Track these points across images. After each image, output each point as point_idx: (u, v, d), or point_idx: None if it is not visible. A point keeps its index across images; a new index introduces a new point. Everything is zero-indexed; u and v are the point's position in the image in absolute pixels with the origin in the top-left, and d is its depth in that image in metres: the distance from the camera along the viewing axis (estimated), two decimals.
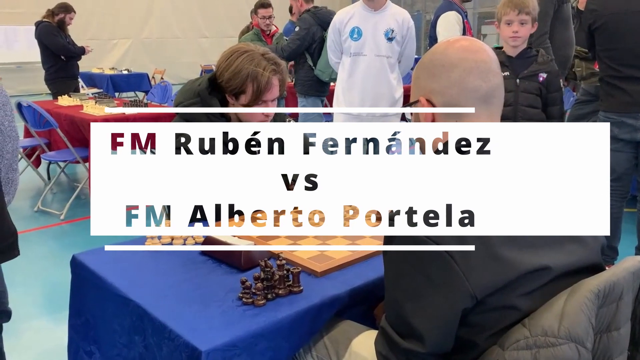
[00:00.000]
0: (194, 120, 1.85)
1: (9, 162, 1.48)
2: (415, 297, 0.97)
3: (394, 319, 1.01)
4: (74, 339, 1.49)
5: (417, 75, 1.15)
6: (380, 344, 1.04)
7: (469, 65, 1.07)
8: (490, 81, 1.08)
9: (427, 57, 1.13)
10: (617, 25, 2.61)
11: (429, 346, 0.96)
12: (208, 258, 1.47)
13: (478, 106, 1.08)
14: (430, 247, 0.94)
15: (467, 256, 0.93)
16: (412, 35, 3.46)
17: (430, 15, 15.02)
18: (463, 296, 0.93)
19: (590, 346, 0.91)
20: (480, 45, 1.10)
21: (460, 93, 1.07)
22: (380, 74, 3.32)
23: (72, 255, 1.52)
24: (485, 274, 0.93)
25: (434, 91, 1.10)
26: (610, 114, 2.71)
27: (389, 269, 1.04)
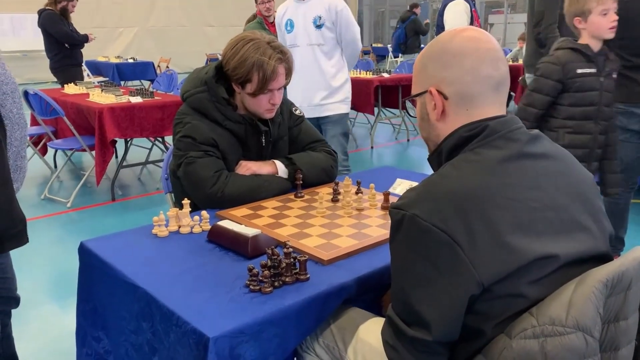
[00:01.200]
0: (202, 109, 1.85)
1: (17, 149, 1.48)
2: (422, 284, 0.97)
3: (401, 308, 1.01)
4: (82, 325, 1.51)
5: (423, 65, 1.13)
6: (387, 333, 1.04)
7: (481, 54, 1.06)
8: (500, 69, 1.08)
9: (434, 47, 1.12)
10: (627, 14, 2.58)
11: (436, 334, 0.96)
12: (215, 246, 1.47)
13: (491, 94, 1.08)
14: (436, 234, 0.94)
15: (474, 243, 0.93)
16: (346, 20, 3.29)
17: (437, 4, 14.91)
18: (470, 283, 0.93)
19: (597, 335, 0.91)
20: (487, 35, 1.11)
21: (474, 80, 1.06)
22: (313, 63, 3.30)
23: (79, 242, 1.53)
24: (492, 262, 0.93)
25: (445, 80, 1.08)
26: (619, 104, 2.68)
27: (395, 257, 1.03)
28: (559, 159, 1.08)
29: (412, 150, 6.18)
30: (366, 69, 6.85)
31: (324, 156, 2.01)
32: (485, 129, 1.05)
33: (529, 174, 1.02)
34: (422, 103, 1.14)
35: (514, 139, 1.05)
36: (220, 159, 1.82)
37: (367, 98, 5.95)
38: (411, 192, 1.03)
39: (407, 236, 0.99)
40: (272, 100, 1.85)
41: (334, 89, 3.33)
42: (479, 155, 1.03)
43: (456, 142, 1.08)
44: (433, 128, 1.13)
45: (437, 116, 1.11)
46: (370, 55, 12.47)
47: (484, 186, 0.98)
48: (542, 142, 1.09)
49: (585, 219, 1.04)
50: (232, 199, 1.75)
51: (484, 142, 1.04)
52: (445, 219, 0.95)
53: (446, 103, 1.09)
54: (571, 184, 1.06)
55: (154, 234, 1.56)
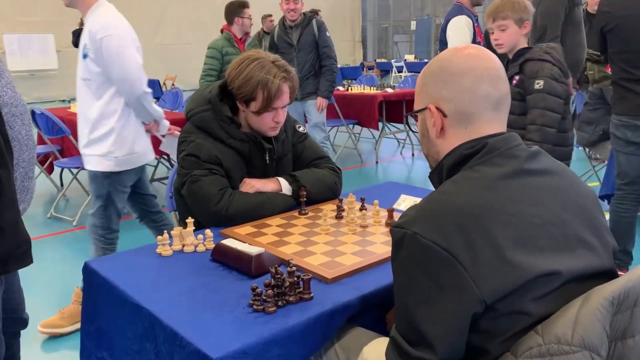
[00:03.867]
0: (206, 127, 1.86)
1: (25, 170, 1.50)
2: (425, 303, 0.96)
3: (404, 327, 1.01)
4: (87, 345, 1.50)
5: (424, 82, 1.14)
6: (391, 354, 1.04)
7: (479, 73, 1.07)
8: (499, 89, 1.09)
9: (434, 65, 1.13)
10: (630, 27, 2.59)
11: (441, 354, 0.95)
12: (219, 265, 1.47)
13: (489, 112, 1.08)
14: (438, 252, 0.94)
15: (475, 260, 0.93)
16: (109, 51, 2.39)
17: (440, 20, 15.01)
18: (472, 301, 0.92)
19: (604, 354, 0.90)
20: (488, 53, 1.12)
21: (471, 99, 1.07)
22: (81, 100, 2.57)
23: (85, 260, 1.53)
24: (495, 279, 0.92)
25: (444, 98, 1.10)
26: (624, 117, 2.68)
27: (397, 275, 1.03)
28: (560, 175, 1.08)
29: (417, 165, 6.18)
30: (370, 84, 6.88)
31: (328, 173, 2.01)
32: (485, 146, 1.05)
33: (529, 190, 1.02)
34: (422, 119, 1.16)
35: (514, 155, 1.05)
36: (224, 177, 1.83)
37: (371, 113, 5.97)
38: (412, 210, 1.03)
39: (408, 254, 0.99)
40: (276, 118, 1.86)
41: (91, 139, 2.54)
42: (478, 173, 1.03)
43: (456, 159, 1.08)
44: (433, 144, 1.14)
45: (436, 133, 1.12)
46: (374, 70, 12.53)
47: (485, 202, 0.98)
48: (542, 158, 1.09)
49: (588, 234, 1.03)
50: (236, 217, 1.75)
51: (483, 159, 1.05)
52: (446, 237, 0.95)
53: (445, 120, 1.10)
54: (572, 200, 1.06)
55: (158, 253, 1.56)
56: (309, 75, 4.63)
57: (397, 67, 12.15)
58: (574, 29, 3.41)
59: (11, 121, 1.44)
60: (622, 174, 2.79)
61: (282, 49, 4.61)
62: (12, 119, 1.44)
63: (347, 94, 6.35)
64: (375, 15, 17.28)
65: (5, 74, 1.46)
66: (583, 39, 3.50)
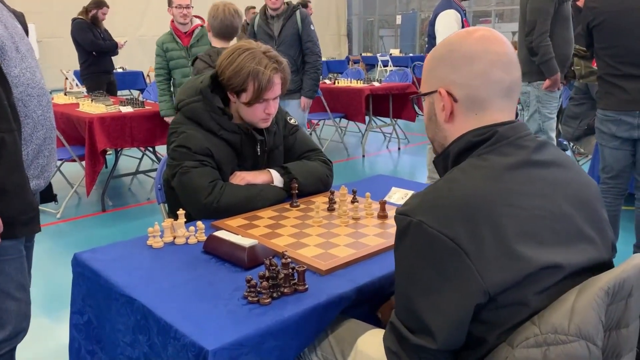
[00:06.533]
0: (197, 118, 1.84)
1: (39, 148, 1.54)
2: (428, 292, 0.96)
3: (405, 315, 1.00)
4: (76, 338, 1.48)
5: (433, 65, 1.11)
6: (389, 339, 1.03)
7: (492, 58, 1.04)
8: (512, 74, 1.07)
9: (444, 48, 1.09)
10: (616, 22, 2.61)
11: (440, 342, 0.95)
12: (211, 257, 1.46)
13: (501, 99, 1.06)
14: (443, 241, 0.93)
15: (480, 251, 0.92)
16: None
17: (426, 14, 15.03)
18: (476, 292, 0.92)
19: (600, 343, 0.91)
20: (500, 36, 1.08)
21: (483, 85, 1.05)
22: None
23: (71, 253, 1.51)
24: (499, 270, 0.92)
25: (454, 82, 1.06)
26: (609, 111, 2.72)
27: (401, 264, 1.02)
28: (565, 167, 1.08)
29: (403, 159, 6.20)
30: (357, 78, 6.87)
31: (319, 165, 2.00)
32: (494, 134, 1.03)
33: (536, 182, 1.01)
34: (430, 103, 1.12)
35: (522, 145, 1.04)
36: (215, 169, 1.81)
37: (358, 107, 5.97)
38: (417, 197, 1.02)
39: (413, 243, 0.98)
40: (267, 109, 1.85)
41: None
42: (486, 162, 1.02)
43: (464, 146, 1.06)
44: (440, 129, 1.11)
45: (445, 117, 1.09)
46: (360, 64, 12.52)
47: (492, 193, 0.97)
48: (549, 149, 1.08)
49: (589, 229, 1.04)
50: (227, 209, 1.74)
51: (492, 148, 1.03)
52: (452, 226, 0.94)
53: (455, 105, 1.07)
54: (575, 193, 1.05)
55: (148, 245, 1.54)
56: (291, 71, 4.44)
57: (382, 61, 12.14)
58: (562, 24, 3.44)
59: (26, 100, 1.49)
60: (607, 168, 2.83)
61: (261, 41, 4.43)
62: (27, 98, 1.49)
63: (334, 87, 6.33)
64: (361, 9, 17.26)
65: (28, 60, 1.52)
66: (571, 34, 3.54)
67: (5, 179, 1.37)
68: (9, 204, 1.38)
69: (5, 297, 1.51)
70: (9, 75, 1.43)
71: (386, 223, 1.65)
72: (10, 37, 1.47)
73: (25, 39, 1.56)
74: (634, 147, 2.75)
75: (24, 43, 1.53)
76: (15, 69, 1.46)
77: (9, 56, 1.44)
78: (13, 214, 1.39)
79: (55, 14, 10.49)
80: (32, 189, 1.51)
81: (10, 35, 1.47)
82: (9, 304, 1.53)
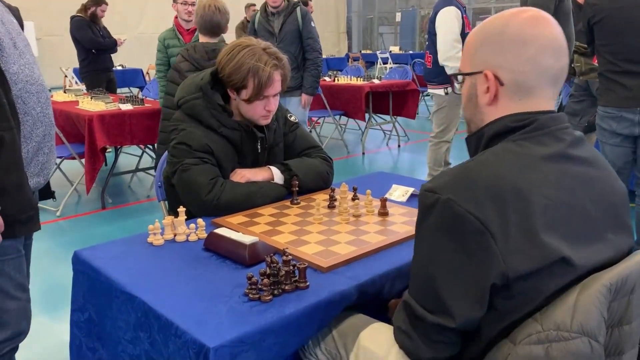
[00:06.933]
0: (197, 115, 1.83)
1: (39, 145, 1.53)
2: (450, 270, 0.95)
3: (422, 293, 0.99)
4: (77, 335, 1.48)
5: (478, 45, 1.06)
6: (400, 319, 1.02)
7: (544, 43, 1.00)
8: (561, 61, 1.03)
9: (492, 27, 1.04)
10: (617, 19, 2.61)
11: (459, 322, 0.94)
12: (212, 254, 1.46)
13: (548, 86, 1.03)
14: (471, 221, 0.92)
15: (507, 235, 0.91)
16: None
17: (426, 11, 14.99)
18: (496, 274, 0.91)
19: (602, 340, 0.91)
20: (550, 18, 1.04)
21: (532, 71, 1.01)
22: None
23: (70, 251, 1.51)
24: (522, 256, 0.91)
25: (501, 66, 1.02)
26: (610, 108, 2.71)
27: (422, 241, 1.00)
28: (597, 167, 1.05)
29: (403, 156, 6.19)
30: (357, 75, 6.86)
31: (319, 162, 2.00)
32: (534, 122, 1.01)
33: (568, 177, 0.99)
34: (472, 84, 1.08)
35: (560, 138, 1.02)
36: (215, 166, 1.81)
37: (358, 104, 5.96)
38: (445, 175, 1.00)
39: (438, 221, 0.96)
40: (267, 106, 1.84)
41: None
42: (522, 148, 0.99)
43: (500, 129, 1.03)
44: (480, 111, 1.07)
45: (488, 100, 1.05)
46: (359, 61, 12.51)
47: (524, 180, 0.95)
48: (585, 146, 1.06)
49: (610, 232, 1.02)
50: (228, 206, 1.74)
51: (529, 135, 1.01)
52: (481, 207, 0.92)
53: (500, 89, 1.03)
54: (603, 196, 1.03)
55: (149, 243, 1.54)
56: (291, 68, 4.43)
57: (382, 59, 12.12)
58: (563, 21, 3.43)
59: (25, 97, 1.48)
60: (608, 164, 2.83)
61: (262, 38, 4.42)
62: (26, 95, 1.48)
63: (333, 84, 6.32)
64: (360, 6, 17.23)
65: (26, 56, 1.51)
66: (571, 31, 3.53)
67: (4, 177, 1.37)
68: (8, 203, 1.37)
69: (5, 296, 1.51)
70: (8, 72, 1.42)
71: (387, 220, 1.65)
72: (7, 33, 1.46)
73: (22, 35, 1.54)
74: (635, 144, 2.74)
75: (21, 39, 1.52)
76: (13, 65, 1.45)
77: (7, 52, 1.43)
78: (12, 213, 1.39)
79: (54, 12, 10.46)
80: (32, 186, 1.51)
81: (7, 31, 1.46)
82: (9, 303, 1.52)
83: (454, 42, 3.81)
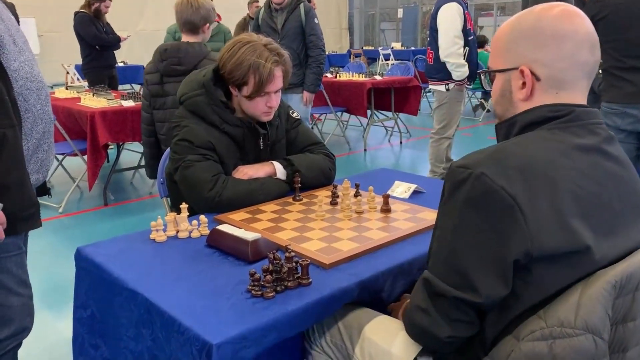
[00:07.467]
0: (199, 112, 1.83)
1: (39, 142, 1.52)
2: (476, 245, 0.95)
3: (445, 269, 0.99)
4: (80, 332, 1.48)
5: (512, 41, 1.06)
6: (419, 297, 1.02)
7: (581, 38, 1.01)
8: (596, 55, 1.04)
9: (527, 23, 1.04)
10: (622, 15, 2.60)
11: (486, 296, 0.94)
12: (214, 250, 1.46)
13: (583, 81, 1.04)
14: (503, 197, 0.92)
15: (536, 214, 0.91)
16: None
17: (427, 7, 14.95)
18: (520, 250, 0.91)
19: (607, 337, 0.90)
20: (580, 12, 1.04)
21: (570, 67, 1.01)
22: None
23: (73, 248, 1.51)
24: (548, 237, 0.91)
25: (538, 61, 1.02)
26: (614, 104, 2.70)
27: (448, 217, 1.00)
28: (626, 168, 1.06)
29: (405, 153, 6.19)
30: (358, 71, 6.85)
31: (322, 158, 2.00)
32: (570, 113, 1.01)
33: (599, 170, 1.00)
34: (505, 80, 1.08)
35: (595, 132, 1.02)
36: (217, 163, 1.81)
37: (359, 101, 5.95)
38: (478, 154, 1.00)
39: (469, 195, 0.95)
40: (269, 103, 1.84)
41: None
42: (557, 136, 1.00)
43: (536, 118, 1.03)
44: (514, 106, 1.07)
45: (524, 96, 1.05)
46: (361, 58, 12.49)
47: (557, 165, 0.96)
48: (616, 144, 1.07)
49: (633, 231, 1.02)
50: (230, 203, 1.74)
51: (565, 125, 1.01)
52: (513, 184, 0.92)
53: (536, 84, 1.04)
54: (630, 196, 1.04)
55: (151, 239, 1.54)
56: (294, 64, 4.40)
57: (384, 55, 12.10)
58: None
59: (26, 94, 1.47)
60: None
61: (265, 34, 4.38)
62: (26, 92, 1.48)
63: (335, 80, 6.31)
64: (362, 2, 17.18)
65: (25, 53, 1.50)
66: None
67: (6, 175, 1.37)
68: (10, 200, 1.37)
69: (8, 293, 1.51)
70: (9, 70, 1.42)
71: (389, 217, 1.64)
72: (7, 29, 1.45)
73: (20, 32, 1.54)
74: (638, 140, 2.74)
75: (19, 35, 1.52)
76: (14, 62, 1.45)
77: (8, 49, 1.43)
78: (14, 210, 1.39)
79: (56, 8, 10.47)
80: (32, 183, 1.51)
81: (6, 27, 1.46)
82: (12, 300, 1.52)
83: (455, 38, 3.80)
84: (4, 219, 1.35)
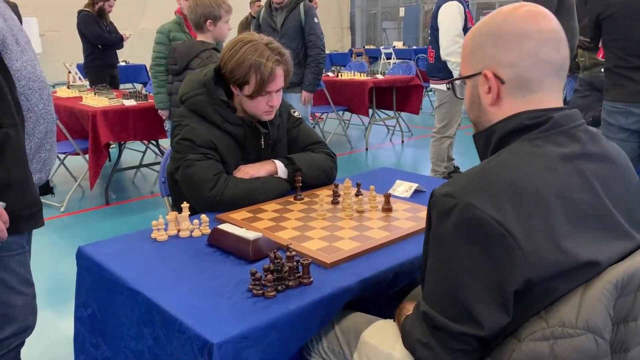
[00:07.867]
0: (200, 111, 1.83)
1: (41, 141, 1.53)
2: (472, 277, 0.92)
3: (443, 302, 0.96)
4: (81, 331, 1.48)
5: (476, 44, 1.05)
6: (420, 331, 0.99)
7: (544, 35, 0.99)
8: (561, 52, 1.01)
9: (491, 25, 1.03)
10: (627, 14, 2.59)
11: (488, 328, 0.92)
12: (215, 249, 1.46)
13: (550, 79, 1.01)
14: (493, 226, 0.89)
15: (530, 239, 0.89)
16: None
17: (429, 6, 14.92)
18: (520, 279, 0.89)
19: (608, 337, 0.90)
20: (546, 11, 1.02)
21: (534, 65, 0.99)
22: None
23: (74, 247, 1.51)
24: (545, 261, 0.89)
25: (500, 63, 1.00)
26: (618, 103, 2.70)
27: (440, 248, 0.97)
28: (615, 162, 1.04)
29: (406, 152, 6.18)
30: (360, 70, 6.84)
31: (323, 157, 1.99)
32: (549, 120, 0.99)
33: (587, 177, 0.98)
34: (473, 85, 1.06)
35: (576, 137, 1.00)
36: (219, 162, 1.80)
37: (361, 100, 5.95)
38: (462, 178, 0.97)
39: (458, 225, 0.93)
40: (270, 102, 1.83)
41: None
42: (540, 149, 0.97)
43: (514, 127, 1.01)
44: (484, 113, 1.06)
45: (491, 101, 1.03)
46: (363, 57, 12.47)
47: (545, 183, 0.94)
48: (601, 141, 1.04)
49: (630, 228, 1.01)
50: (231, 202, 1.74)
51: (545, 134, 0.99)
52: (503, 211, 0.90)
53: (502, 87, 1.02)
54: (622, 192, 1.02)
55: (152, 238, 1.54)
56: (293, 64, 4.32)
57: (385, 54, 12.08)
58: (567, 15, 3.41)
59: (28, 94, 1.48)
60: None
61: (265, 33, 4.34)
62: (29, 91, 1.48)
63: (337, 80, 6.31)
64: (364, 1, 17.17)
65: (28, 53, 1.51)
66: (576, 25, 3.51)
67: (9, 174, 1.38)
68: (13, 199, 1.38)
69: (11, 291, 1.52)
70: (11, 69, 1.43)
71: (390, 216, 1.64)
72: (9, 29, 1.46)
73: (22, 31, 1.54)
74: None
75: (22, 35, 1.52)
76: (17, 62, 1.45)
77: (10, 49, 1.43)
78: (17, 209, 1.40)
79: (58, 7, 10.47)
80: (34, 182, 1.51)
81: (9, 27, 1.46)
82: (15, 298, 1.53)
83: (456, 37, 3.79)
84: (7, 217, 1.35)
